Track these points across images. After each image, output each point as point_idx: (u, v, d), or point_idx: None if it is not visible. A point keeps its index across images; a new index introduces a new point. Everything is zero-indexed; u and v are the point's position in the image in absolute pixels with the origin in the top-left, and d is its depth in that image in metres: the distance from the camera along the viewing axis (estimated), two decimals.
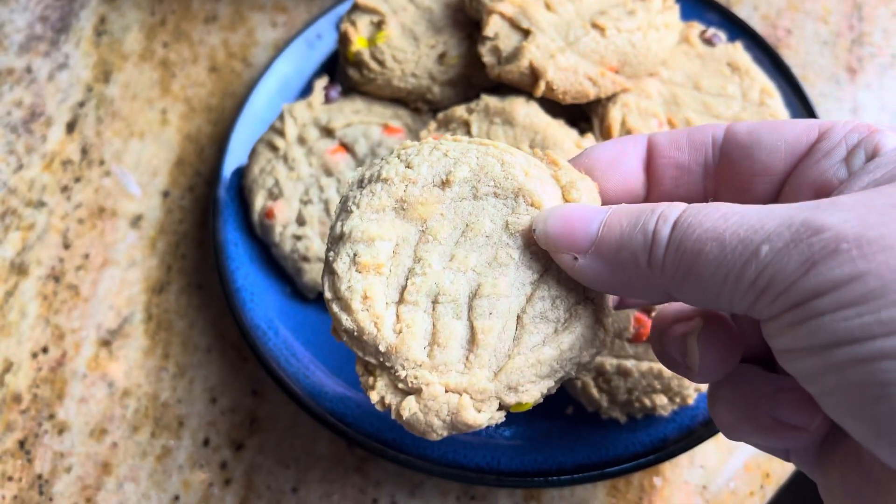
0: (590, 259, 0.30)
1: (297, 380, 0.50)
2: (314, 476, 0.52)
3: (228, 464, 0.53)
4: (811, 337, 0.23)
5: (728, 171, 0.32)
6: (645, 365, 0.45)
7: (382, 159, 0.36)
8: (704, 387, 0.45)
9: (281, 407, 0.54)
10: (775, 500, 0.50)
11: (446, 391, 0.32)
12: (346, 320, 0.33)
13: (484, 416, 0.32)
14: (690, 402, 0.45)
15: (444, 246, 0.34)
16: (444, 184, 0.35)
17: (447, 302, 0.34)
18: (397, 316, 0.33)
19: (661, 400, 0.45)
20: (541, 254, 0.33)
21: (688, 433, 0.47)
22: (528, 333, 0.33)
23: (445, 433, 0.33)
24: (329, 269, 0.35)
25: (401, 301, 0.33)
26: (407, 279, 0.34)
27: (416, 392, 0.32)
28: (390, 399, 0.33)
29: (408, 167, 0.35)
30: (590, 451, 0.47)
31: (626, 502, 0.50)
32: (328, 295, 0.34)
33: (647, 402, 0.45)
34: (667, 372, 0.44)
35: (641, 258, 0.28)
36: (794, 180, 0.31)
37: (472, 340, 0.33)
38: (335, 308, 0.34)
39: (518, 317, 0.33)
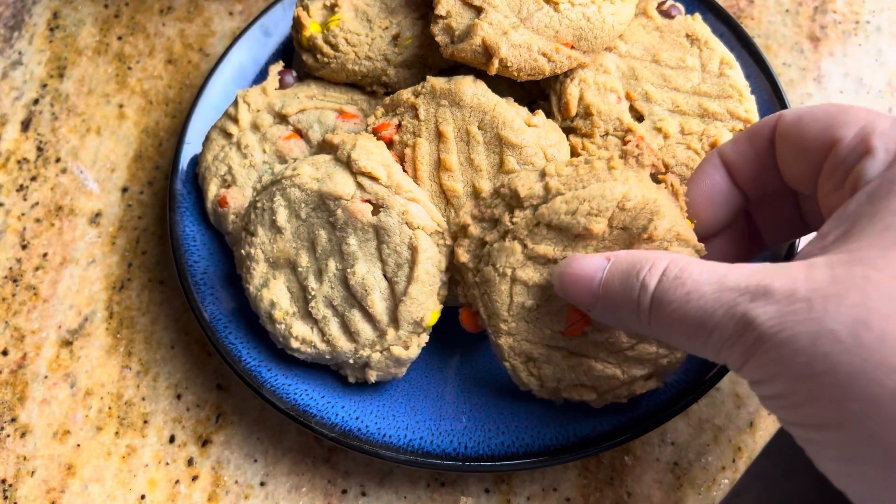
0: (598, 312, 0.38)
1: (259, 373, 0.49)
2: (282, 469, 0.51)
3: (195, 460, 0.52)
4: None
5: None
6: (574, 360, 0.43)
7: (243, 231, 0.47)
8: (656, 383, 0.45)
9: (247, 400, 0.54)
10: (748, 474, 0.50)
11: (382, 352, 0.45)
12: (297, 353, 0.47)
13: (414, 348, 0.45)
14: (624, 401, 0.45)
15: (312, 266, 0.45)
16: (279, 230, 0.45)
17: (339, 303, 0.45)
18: (321, 331, 0.45)
19: (590, 395, 0.44)
20: (367, 221, 0.43)
21: (657, 410, 0.47)
22: (395, 284, 0.43)
23: (410, 363, 0.46)
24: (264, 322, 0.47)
25: (315, 322, 0.45)
26: (308, 305, 0.45)
27: (367, 364, 0.46)
28: (363, 376, 0.47)
29: (253, 235, 0.46)
30: (557, 431, 0.47)
31: (597, 482, 0.50)
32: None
33: (574, 395, 0.44)
34: (596, 371, 0.43)
35: (634, 319, 0.36)
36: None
37: (371, 316, 0.44)
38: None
39: (385, 276, 0.44)
